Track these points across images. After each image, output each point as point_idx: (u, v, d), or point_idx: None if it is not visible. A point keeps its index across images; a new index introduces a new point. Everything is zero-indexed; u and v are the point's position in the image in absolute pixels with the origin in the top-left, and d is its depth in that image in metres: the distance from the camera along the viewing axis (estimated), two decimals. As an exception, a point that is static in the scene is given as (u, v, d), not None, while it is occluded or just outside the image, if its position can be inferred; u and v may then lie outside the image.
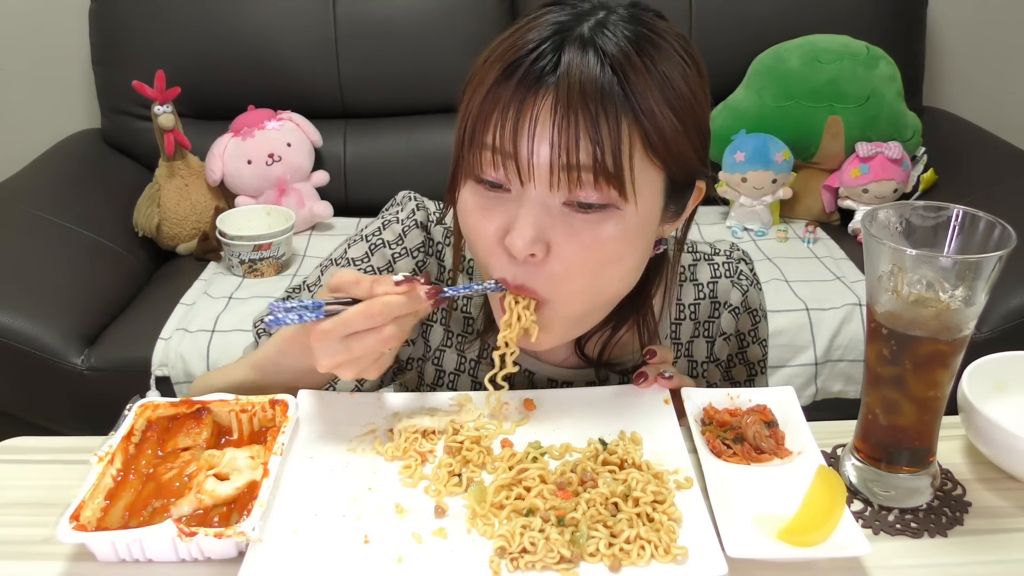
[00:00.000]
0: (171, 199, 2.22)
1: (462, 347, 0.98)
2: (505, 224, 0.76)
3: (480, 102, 0.74)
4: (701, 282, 0.99)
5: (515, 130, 0.73)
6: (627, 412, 0.86)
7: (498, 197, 0.77)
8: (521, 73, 0.72)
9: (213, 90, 2.41)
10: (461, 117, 0.77)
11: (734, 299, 1.00)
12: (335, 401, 0.88)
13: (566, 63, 0.71)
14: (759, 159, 2.24)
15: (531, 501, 0.73)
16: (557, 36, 0.73)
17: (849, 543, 0.69)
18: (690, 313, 0.99)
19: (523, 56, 0.73)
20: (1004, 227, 0.71)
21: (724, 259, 1.01)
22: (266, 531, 0.71)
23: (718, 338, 1.00)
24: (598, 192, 0.73)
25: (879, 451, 0.79)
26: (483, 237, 0.78)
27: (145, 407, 0.82)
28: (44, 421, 1.92)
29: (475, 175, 0.77)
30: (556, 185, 0.73)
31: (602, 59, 0.72)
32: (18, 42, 2.56)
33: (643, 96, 0.72)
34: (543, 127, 0.72)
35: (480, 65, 0.77)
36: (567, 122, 0.71)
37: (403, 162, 2.45)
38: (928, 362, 0.74)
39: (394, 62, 2.42)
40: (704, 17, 2.41)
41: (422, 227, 0.95)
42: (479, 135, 0.75)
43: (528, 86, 0.72)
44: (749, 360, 1.04)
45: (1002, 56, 2.70)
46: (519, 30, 0.76)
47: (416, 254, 0.95)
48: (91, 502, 0.71)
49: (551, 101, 0.71)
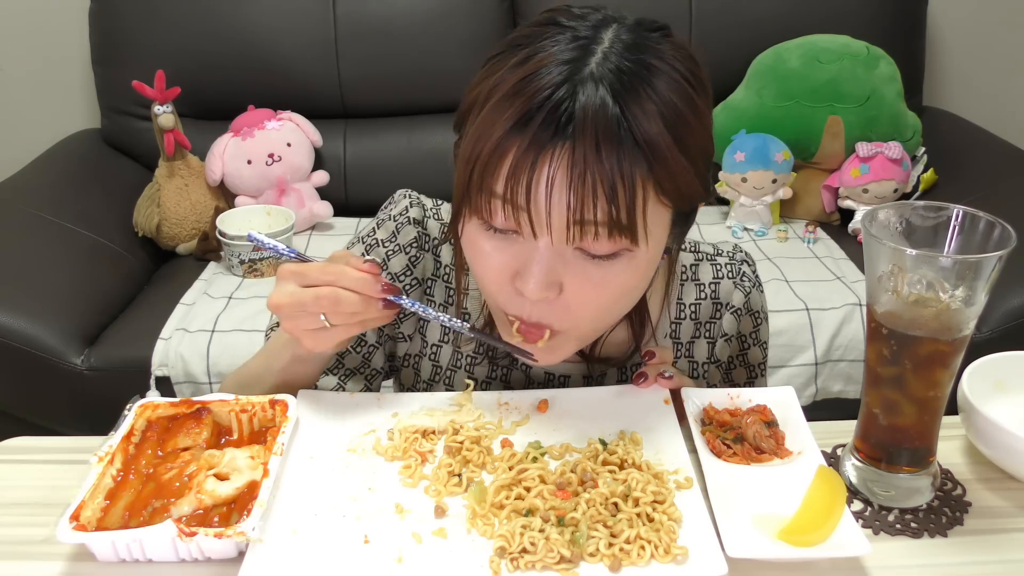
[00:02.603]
0: (171, 199, 2.22)
1: (458, 343, 0.98)
2: (516, 266, 0.76)
3: (490, 150, 0.71)
4: (703, 282, 0.99)
5: (529, 186, 0.70)
6: (627, 412, 0.86)
7: (507, 239, 0.76)
8: (536, 126, 0.69)
9: (213, 90, 2.41)
10: (466, 157, 0.74)
11: (736, 300, 0.99)
12: (335, 401, 0.88)
13: (580, 113, 0.69)
14: (759, 159, 2.23)
15: (531, 501, 0.73)
16: (568, 84, 0.69)
17: (849, 543, 0.69)
18: (691, 313, 0.99)
19: (536, 105, 0.69)
20: (1004, 227, 0.71)
21: (727, 260, 1.00)
22: (266, 531, 0.71)
23: (719, 339, 1.00)
24: (611, 243, 0.73)
25: (879, 451, 0.79)
26: (493, 275, 0.78)
27: (145, 407, 0.82)
28: (44, 421, 1.92)
29: (483, 218, 0.75)
30: (570, 239, 0.72)
31: (614, 104, 0.69)
32: (18, 42, 2.55)
33: (655, 143, 0.70)
34: (560, 186, 0.70)
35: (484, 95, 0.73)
36: (583, 182, 0.69)
37: (403, 162, 2.45)
38: (928, 362, 0.74)
39: (394, 62, 2.42)
40: (704, 17, 2.41)
41: (416, 223, 0.95)
42: (488, 182, 0.73)
43: (543, 143, 0.70)
44: (749, 362, 1.03)
45: (1002, 56, 2.70)
46: (527, 64, 0.71)
47: (409, 249, 0.95)
48: (91, 502, 0.71)
49: (567, 160, 0.69)
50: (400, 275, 0.95)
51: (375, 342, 0.97)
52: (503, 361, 0.97)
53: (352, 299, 0.77)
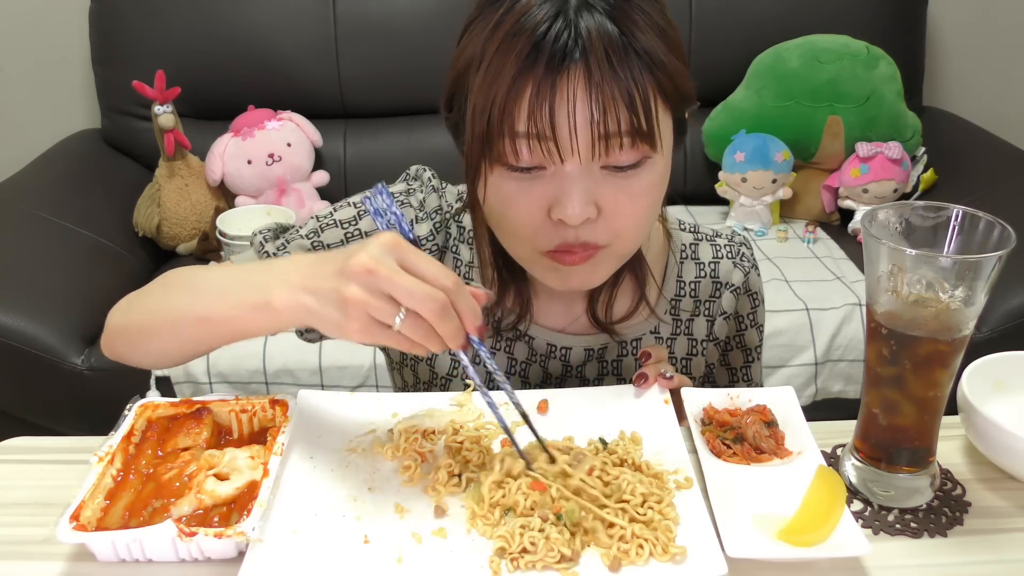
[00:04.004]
0: (171, 199, 2.22)
1: None
2: (548, 199, 0.78)
3: (505, 92, 0.74)
4: (703, 261, 1.01)
5: (552, 112, 0.74)
6: (627, 412, 0.86)
7: (534, 176, 0.78)
8: (545, 56, 0.73)
9: (213, 90, 2.41)
10: (479, 109, 0.76)
11: (736, 279, 1.01)
12: (335, 401, 0.88)
13: (585, 34, 0.73)
14: (759, 159, 2.24)
15: (512, 498, 0.73)
16: (563, 15, 0.74)
17: (849, 543, 0.69)
18: (690, 291, 1.01)
19: (539, 38, 0.73)
20: (1004, 227, 0.71)
21: (726, 242, 1.03)
22: (266, 531, 0.70)
23: (718, 317, 1.02)
24: (635, 152, 0.77)
25: (879, 451, 0.79)
26: (527, 217, 0.80)
27: (145, 407, 0.82)
28: (44, 421, 1.92)
29: (506, 164, 0.78)
30: (596, 155, 0.76)
31: (612, 19, 0.74)
32: (18, 42, 2.56)
33: (652, 48, 0.75)
34: (582, 103, 0.74)
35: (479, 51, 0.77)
36: (602, 94, 0.73)
37: (403, 162, 2.39)
38: (928, 362, 0.74)
39: (394, 62, 2.42)
40: (704, 17, 2.41)
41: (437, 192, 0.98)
42: (508, 123, 0.75)
43: (555, 68, 0.73)
44: (746, 345, 1.04)
45: (1002, 56, 2.70)
46: (515, 9, 0.75)
47: (434, 216, 0.96)
48: (91, 502, 0.71)
49: (584, 78, 0.73)
50: (424, 239, 0.95)
51: None
52: (507, 333, 0.97)
53: (453, 321, 0.68)
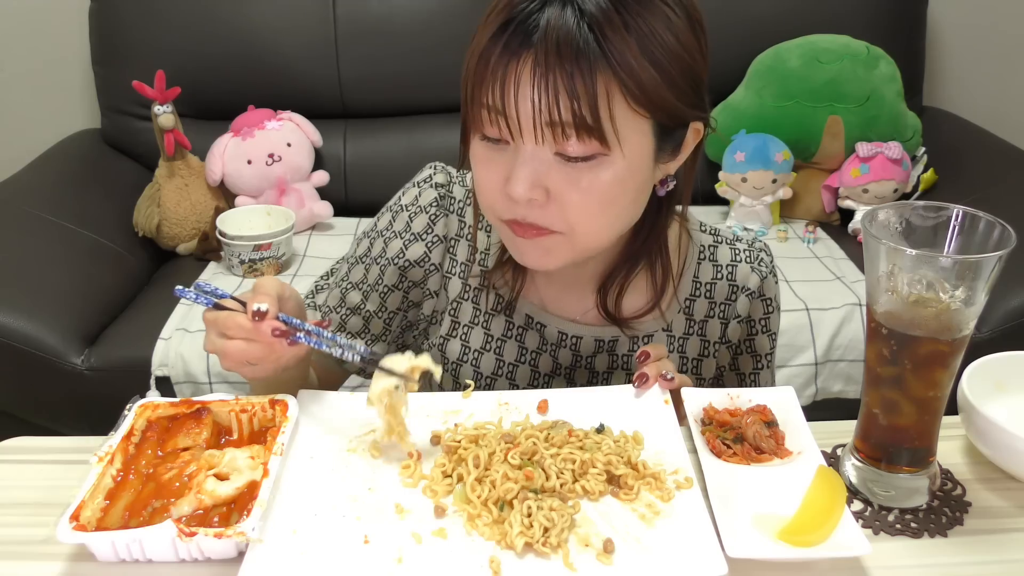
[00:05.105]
0: (171, 199, 2.22)
1: (488, 324, 1.00)
2: (506, 172, 0.82)
3: (476, 61, 0.79)
4: (720, 264, 1.02)
5: (503, 89, 0.78)
6: (627, 412, 0.86)
7: (499, 149, 0.83)
8: (508, 35, 0.77)
9: (213, 90, 2.40)
10: (463, 76, 0.82)
11: (752, 283, 1.02)
12: (335, 401, 0.88)
13: (544, 24, 0.76)
14: (759, 159, 2.24)
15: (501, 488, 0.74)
16: None
17: (849, 543, 0.69)
18: (706, 292, 1.01)
19: (511, 18, 0.77)
20: (1004, 227, 0.71)
21: (746, 246, 1.04)
22: (266, 531, 0.71)
23: (732, 320, 1.02)
24: (582, 144, 0.78)
25: (879, 451, 0.79)
26: (489, 184, 0.85)
27: (145, 407, 0.82)
28: (44, 421, 1.92)
29: (479, 131, 0.83)
30: (542, 139, 0.79)
31: (579, 18, 0.76)
32: (18, 42, 2.55)
33: (620, 51, 0.76)
34: (525, 86, 0.77)
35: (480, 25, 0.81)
36: (546, 81, 0.76)
37: (403, 162, 2.42)
38: (928, 362, 0.74)
39: (394, 62, 2.42)
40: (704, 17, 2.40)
41: (439, 186, 1.02)
42: (477, 94, 0.80)
43: (513, 49, 0.77)
44: (756, 351, 1.05)
45: (1002, 56, 2.70)
46: None
47: (429, 209, 1.01)
48: (91, 502, 0.71)
49: (531, 62, 0.76)
50: (422, 233, 1.00)
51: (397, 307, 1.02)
52: (502, 291, 1.00)
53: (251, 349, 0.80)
